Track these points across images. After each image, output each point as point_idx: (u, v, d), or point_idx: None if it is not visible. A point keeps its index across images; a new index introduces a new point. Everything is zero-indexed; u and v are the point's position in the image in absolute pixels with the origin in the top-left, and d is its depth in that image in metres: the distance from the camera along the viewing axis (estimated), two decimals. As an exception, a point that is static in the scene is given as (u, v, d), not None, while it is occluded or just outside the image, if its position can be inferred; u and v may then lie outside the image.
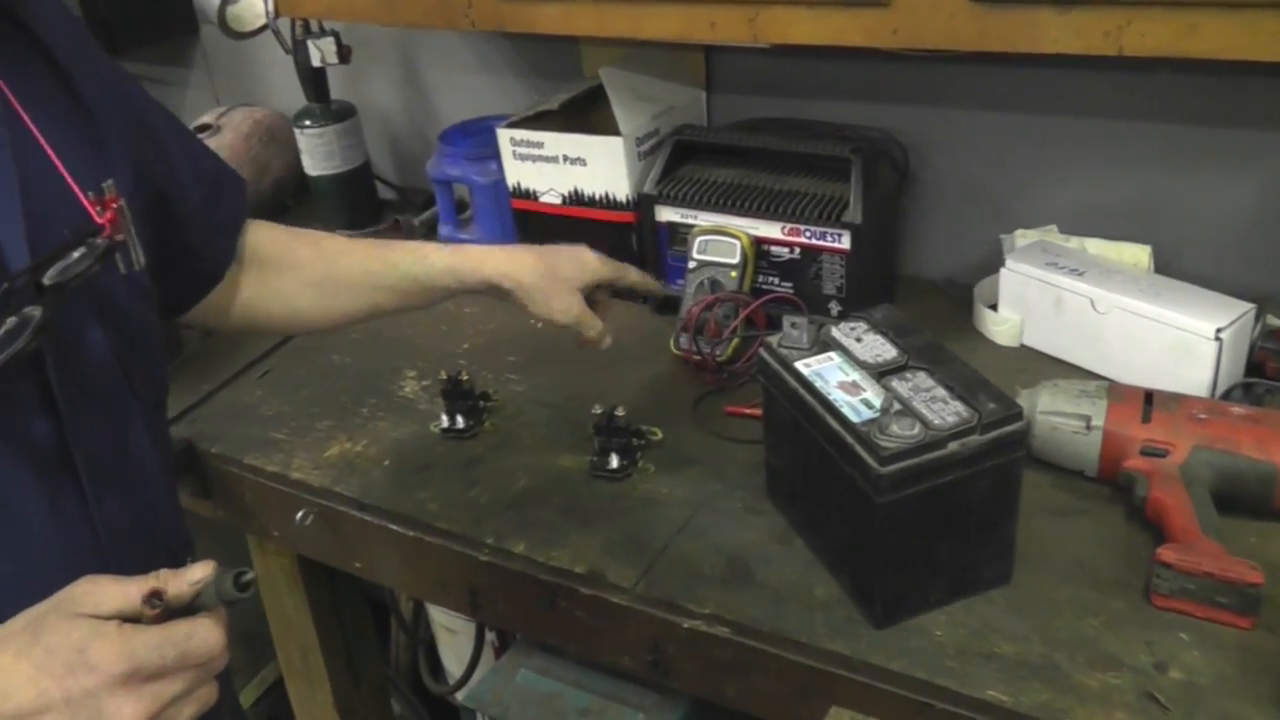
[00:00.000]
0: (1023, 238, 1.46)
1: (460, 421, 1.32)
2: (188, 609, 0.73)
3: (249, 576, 0.73)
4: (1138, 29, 1.03)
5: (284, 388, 1.46)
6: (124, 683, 0.68)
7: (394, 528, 1.22)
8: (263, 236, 1.15)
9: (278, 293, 1.14)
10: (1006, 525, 1.01)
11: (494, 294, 1.18)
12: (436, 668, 2.08)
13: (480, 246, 1.20)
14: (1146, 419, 1.10)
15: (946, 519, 0.97)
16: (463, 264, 1.17)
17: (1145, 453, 1.09)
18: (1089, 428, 1.12)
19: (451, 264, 1.17)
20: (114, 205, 0.82)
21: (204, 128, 1.96)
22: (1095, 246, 1.42)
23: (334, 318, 1.18)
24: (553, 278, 1.17)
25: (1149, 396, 1.12)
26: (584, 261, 1.21)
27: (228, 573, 0.73)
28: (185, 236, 1.05)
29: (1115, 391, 1.14)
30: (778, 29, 1.20)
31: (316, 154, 1.86)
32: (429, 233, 1.82)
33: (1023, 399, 1.15)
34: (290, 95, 1.90)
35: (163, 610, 0.71)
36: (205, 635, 0.71)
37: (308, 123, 1.84)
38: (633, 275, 1.27)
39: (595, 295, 1.24)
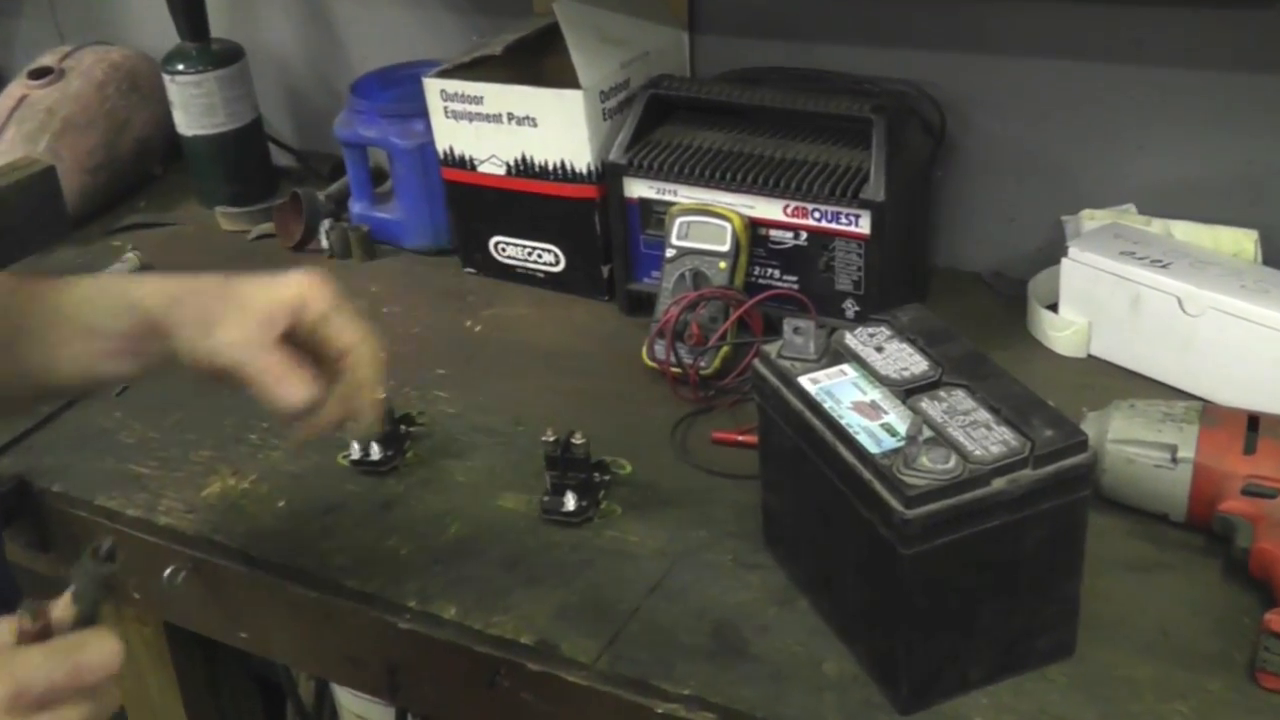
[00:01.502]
0: (1091, 220, 1.47)
1: (376, 451, 1.32)
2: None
3: (107, 545, 0.80)
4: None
5: (150, 408, 1.46)
6: (7, 710, 0.70)
7: (291, 588, 1.21)
8: None
9: None
10: (1068, 584, 1.01)
11: (141, 334, 1.03)
12: (345, 768, 2.07)
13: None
14: (1250, 450, 1.11)
15: (990, 575, 0.98)
16: (105, 293, 1.05)
17: (1249, 492, 1.09)
18: (1175, 460, 1.12)
19: (89, 294, 1.04)
20: None
21: (43, 71, 1.95)
22: (1184, 231, 1.43)
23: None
24: (225, 297, 1.01)
25: (1254, 421, 1.13)
26: (283, 284, 1.01)
27: (84, 557, 0.80)
28: None
29: (1210, 414, 1.14)
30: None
31: (192, 108, 1.86)
32: (338, 208, 1.82)
33: (1089, 424, 1.16)
34: (158, 32, 1.90)
35: (43, 628, 0.76)
36: (98, 645, 0.74)
37: (181, 68, 1.84)
38: (363, 364, 1.03)
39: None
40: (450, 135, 1.61)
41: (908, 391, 1.03)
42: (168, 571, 1.26)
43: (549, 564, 1.18)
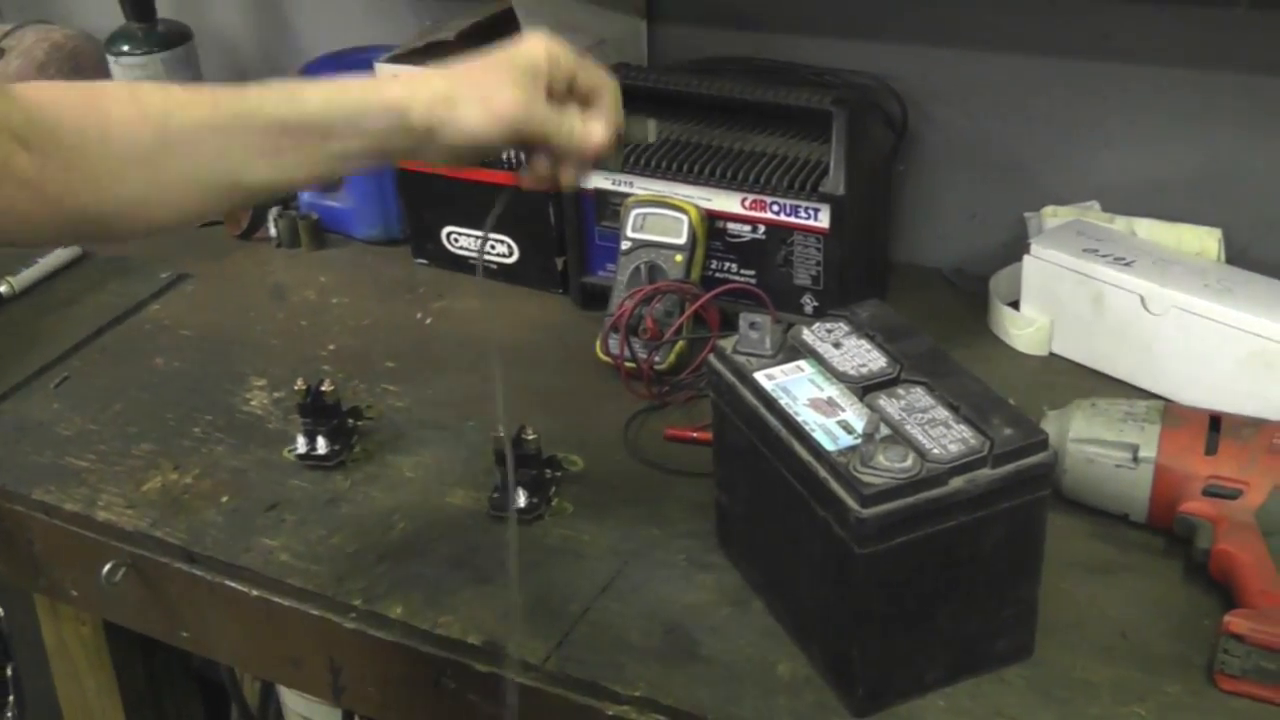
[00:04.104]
0: (1053, 217, 1.47)
1: (322, 446, 1.31)
2: None
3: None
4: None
5: (89, 399, 1.45)
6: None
7: (233, 585, 1.21)
8: (43, 99, 1.01)
9: (87, 178, 1.06)
10: (1027, 585, 1.02)
11: (405, 141, 1.05)
12: (290, 770, 2.06)
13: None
14: (1212, 450, 1.11)
15: (948, 576, 0.98)
16: (349, 94, 1.05)
17: (1210, 493, 1.10)
18: (1136, 460, 1.13)
19: (331, 97, 1.05)
20: None
21: (-17, 51, 1.93)
22: (1147, 229, 1.44)
23: (177, 205, 1.05)
24: (487, 70, 1.06)
25: (1215, 421, 1.13)
26: (532, 45, 1.06)
27: None
28: None
29: (1171, 414, 1.15)
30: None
31: (138, 92, 1.84)
32: (287, 196, 1.81)
33: (1050, 423, 1.17)
34: (102, 11, 1.88)
35: None
36: None
37: (126, 49, 1.82)
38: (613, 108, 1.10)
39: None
40: (402, 122, 1.59)
41: (865, 388, 1.04)
42: (106, 568, 1.25)
43: (498, 563, 1.16)
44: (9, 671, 1.09)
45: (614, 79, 1.09)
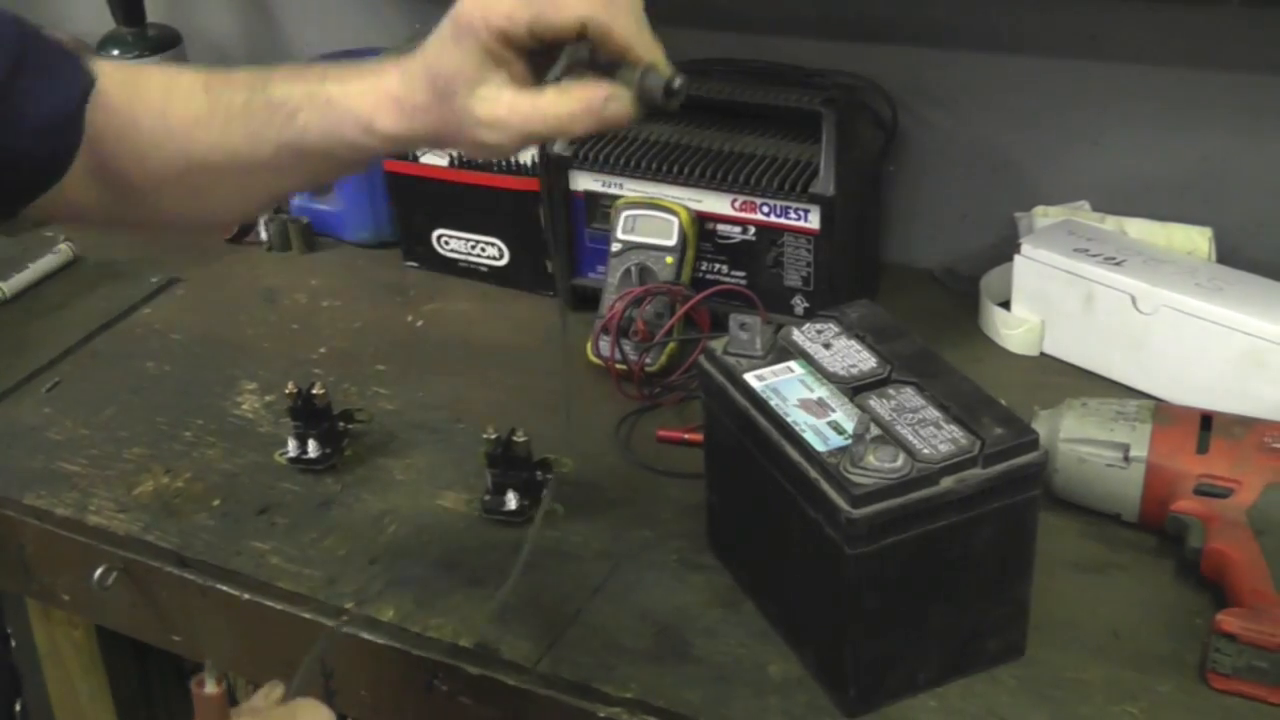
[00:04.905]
0: (1044, 217, 1.47)
1: (313, 449, 1.31)
2: None
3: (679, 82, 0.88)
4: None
5: (81, 404, 1.44)
6: None
7: (224, 589, 1.20)
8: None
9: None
10: (1018, 584, 1.01)
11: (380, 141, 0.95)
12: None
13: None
14: (1203, 449, 1.11)
15: (939, 576, 0.98)
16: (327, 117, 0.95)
17: (1201, 492, 1.10)
18: (1127, 459, 1.13)
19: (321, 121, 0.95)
20: None
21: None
22: (1138, 228, 1.43)
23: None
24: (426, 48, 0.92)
25: (1207, 420, 1.13)
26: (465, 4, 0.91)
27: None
28: None
29: (1162, 413, 1.15)
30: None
31: (131, 95, 1.83)
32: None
33: (1041, 422, 1.16)
34: (92, 15, 1.88)
35: None
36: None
37: (116, 53, 1.82)
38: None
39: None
40: (392, 125, 1.59)
41: (856, 389, 1.03)
42: (98, 573, 1.25)
43: (489, 565, 1.17)
44: (17, 708, 1.09)
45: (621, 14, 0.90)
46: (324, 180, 1.05)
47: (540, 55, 0.90)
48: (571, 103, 0.88)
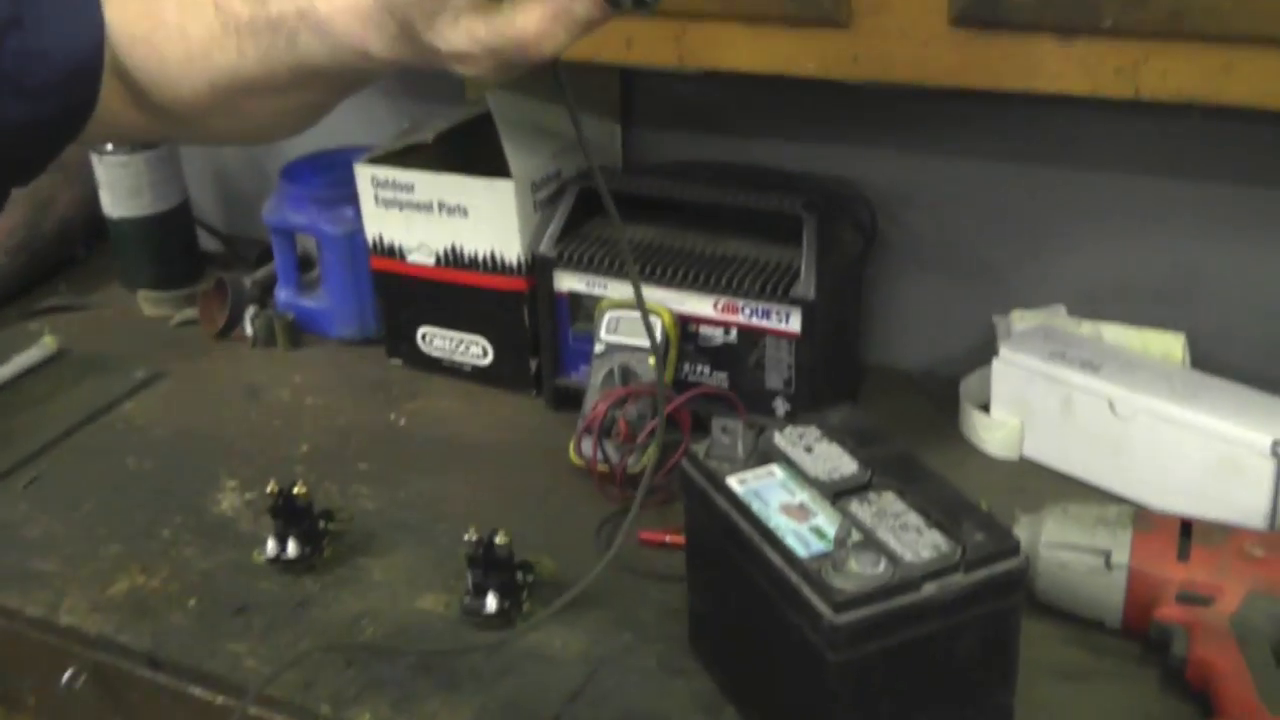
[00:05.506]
0: (1021, 320, 1.47)
1: (292, 548, 1.29)
2: None
3: None
4: (1157, 66, 1.06)
5: (58, 500, 1.43)
6: None
7: (196, 692, 1.18)
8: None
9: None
10: (1001, 692, 1.00)
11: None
12: None
13: None
14: (1184, 555, 1.10)
15: (921, 682, 0.96)
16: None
17: (1184, 599, 1.09)
18: (1109, 565, 1.12)
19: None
20: None
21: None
22: (1114, 333, 1.43)
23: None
24: None
25: (1187, 527, 1.12)
26: None
27: None
28: None
29: (1143, 519, 1.14)
30: (710, 51, 1.20)
31: (119, 189, 1.84)
32: (263, 294, 1.80)
33: (1022, 528, 1.15)
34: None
35: None
36: None
37: (109, 147, 1.81)
38: None
39: None
40: (380, 223, 1.59)
41: (837, 493, 1.03)
42: (67, 675, 1.23)
43: (468, 669, 1.15)
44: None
45: None
46: (357, 88, 0.99)
47: None
48: (534, 15, 0.80)
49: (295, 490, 1.29)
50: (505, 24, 0.80)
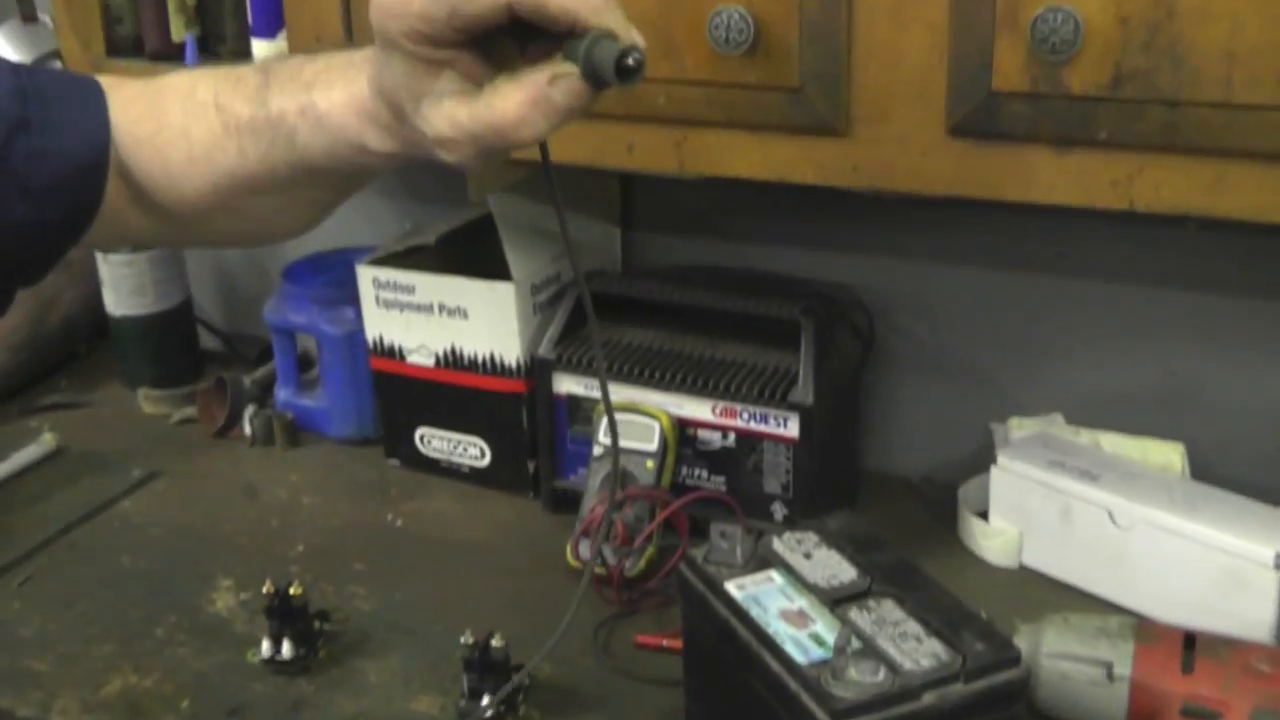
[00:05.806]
0: (1019, 428, 1.47)
1: (287, 650, 1.28)
2: None
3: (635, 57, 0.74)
4: (1151, 179, 1.06)
5: (53, 599, 1.41)
6: None
7: (186, 795, 1.17)
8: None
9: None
10: (1000, 805, 0.99)
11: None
12: None
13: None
14: (1188, 668, 1.09)
15: (921, 795, 0.95)
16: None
17: (1189, 714, 1.07)
18: (1111, 677, 1.11)
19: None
20: None
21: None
22: (1112, 442, 1.43)
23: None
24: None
25: (1190, 639, 1.11)
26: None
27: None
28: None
29: (1145, 631, 1.13)
30: (710, 158, 1.21)
31: (123, 288, 1.84)
32: (263, 394, 1.80)
33: (1022, 637, 1.14)
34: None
35: None
36: None
37: (113, 248, 1.82)
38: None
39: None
40: (380, 324, 1.59)
41: (836, 600, 1.02)
42: (54, 779, 1.21)
43: (461, 773, 1.13)
44: None
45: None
46: (358, 187, 0.99)
47: (505, 36, 0.80)
48: (513, 101, 0.79)
49: (291, 590, 1.28)
50: (485, 109, 0.80)
